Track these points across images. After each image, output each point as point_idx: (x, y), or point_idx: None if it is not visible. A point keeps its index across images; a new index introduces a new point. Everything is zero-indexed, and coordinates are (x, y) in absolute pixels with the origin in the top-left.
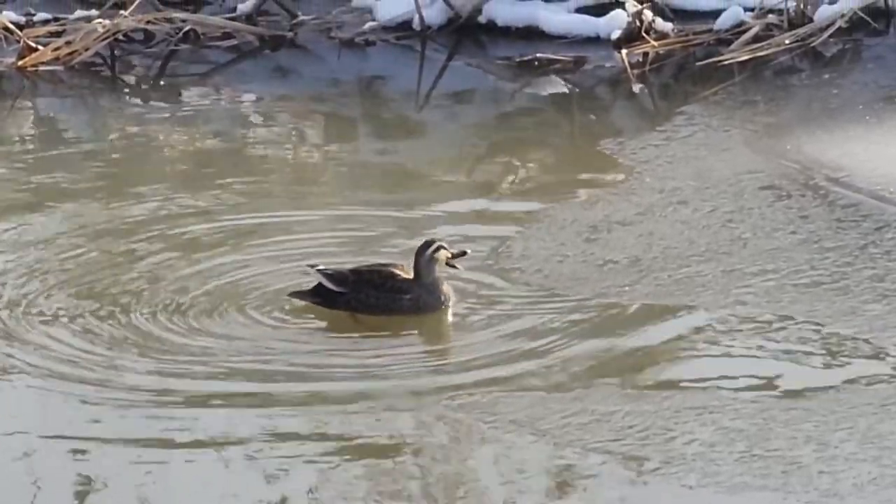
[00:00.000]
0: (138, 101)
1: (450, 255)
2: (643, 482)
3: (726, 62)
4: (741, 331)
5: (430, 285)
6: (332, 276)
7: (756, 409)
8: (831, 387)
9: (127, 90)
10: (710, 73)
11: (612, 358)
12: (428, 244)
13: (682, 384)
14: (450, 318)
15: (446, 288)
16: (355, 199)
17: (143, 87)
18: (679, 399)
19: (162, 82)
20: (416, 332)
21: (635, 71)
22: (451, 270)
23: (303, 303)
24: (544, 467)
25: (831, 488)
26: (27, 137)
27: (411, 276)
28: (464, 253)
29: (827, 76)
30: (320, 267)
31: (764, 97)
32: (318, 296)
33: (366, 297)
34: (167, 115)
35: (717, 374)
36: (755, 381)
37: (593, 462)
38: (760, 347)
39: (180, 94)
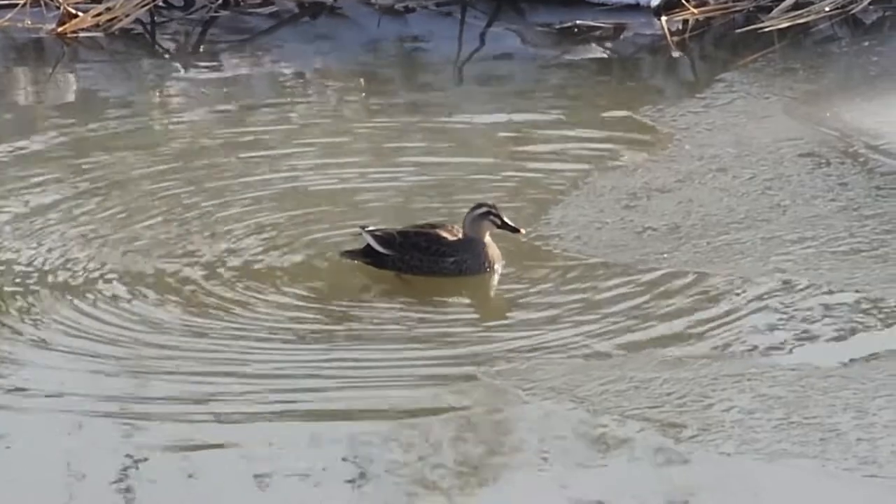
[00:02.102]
0: (178, 67)
1: (497, 224)
2: (681, 449)
3: (766, 29)
4: (780, 298)
5: (476, 248)
6: (380, 237)
7: (794, 377)
8: (870, 354)
9: (166, 56)
10: (750, 41)
11: (651, 325)
12: (477, 206)
13: (719, 352)
14: (495, 281)
15: (493, 252)
16: (395, 165)
17: (183, 53)
18: (717, 367)
19: (201, 49)
20: (458, 296)
21: (675, 38)
22: (511, 234)
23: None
24: (582, 434)
25: (869, 456)
26: (66, 104)
27: (460, 237)
28: (515, 230)
29: (867, 43)
30: (370, 228)
31: (803, 65)
32: (368, 256)
33: (410, 259)
34: (206, 81)
35: (755, 341)
36: (793, 349)
37: (631, 429)
38: (799, 315)
39: (220, 61)
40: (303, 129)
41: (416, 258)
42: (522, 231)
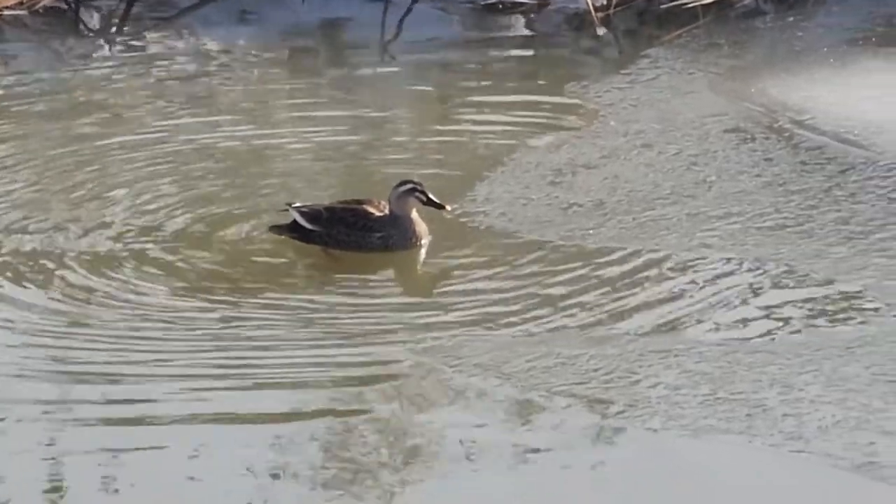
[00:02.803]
0: (102, 44)
1: (423, 200)
2: (608, 425)
3: (691, 5)
4: (705, 274)
5: (402, 224)
6: (307, 213)
7: (720, 353)
8: (796, 330)
9: (91, 34)
10: (675, 16)
11: (577, 301)
12: (402, 183)
13: (646, 328)
14: (422, 256)
15: (420, 227)
16: (318, 143)
17: (107, 30)
18: (643, 342)
19: (126, 26)
20: (385, 273)
21: (599, 14)
22: (436, 210)
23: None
24: (509, 410)
25: (796, 431)
26: None
27: (386, 212)
28: (441, 206)
29: (791, 19)
30: (296, 204)
31: (728, 40)
32: (295, 231)
33: (337, 234)
34: (131, 59)
35: (681, 317)
36: (719, 325)
37: (558, 405)
38: (725, 290)
39: (144, 38)
40: (225, 105)
41: (343, 233)
42: (448, 207)
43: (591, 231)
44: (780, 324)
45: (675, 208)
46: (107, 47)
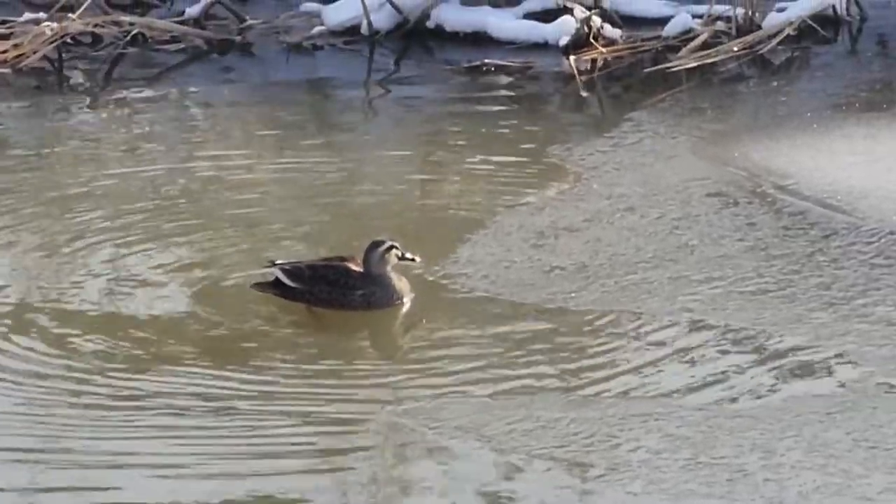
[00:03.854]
0: (86, 103)
1: (399, 256)
2: (588, 489)
3: (674, 69)
4: (687, 338)
5: (384, 282)
6: (289, 271)
7: (702, 417)
8: (777, 395)
9: (74, 93)
10: (658, 80)
11: (558, 364)
12: (377, 244)
13: (627, 391)
14: (403, 313)
15: (401, 284)
16: (304, 203)
17: (91, 89)
18: (624, 406)
19: (109, 86)
20: (365, 333)
21: (583, 77)
22: (408, 263)
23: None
24: (489, 473)
25: (777, 496)
26: None
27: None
28: (412, 259)
29: (775, 84)
30: (279, 262)
31: (712, 104)
32: (278, 288)
33: (319, 292)
34: (114, 118)
35: (662, 381)
36: (701, 389)
37: (538, 468)
38: (707, 355)
39: (128, 98)
40: (209, 165)
41: (325, 291)
42: (417, 259)
43: (573, 294)
44: (762, 389)
45: (657, 272)
46: (90, 105)
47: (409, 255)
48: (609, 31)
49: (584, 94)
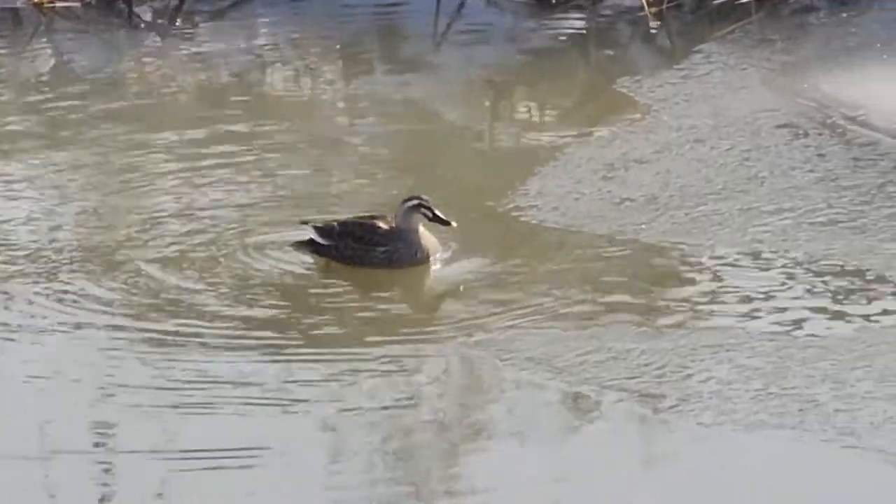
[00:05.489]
0: (155, 37)
1: (429, 217)
2: (659, 420)
3: (743, 0)
4: (758, 269)
5: (408, 238)
6: (321, 228)
7: (773, 348)
8: (848, 326)
9: (143, 26)
10: (728, 12)
11: (629, 296)
12: (408, 199)
13: (698, 322)
14: (432, 273)
15: (428, 242)
16: (372, 137)
17: (160, 23)
18: (695, 337)
19: (178, 19)
20: (431, 275)
21: (653, 9)
22: (443, 227)
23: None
24: (560, 404)
25: (848, 427)
26: (43, 75)
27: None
28: (446, 222)
29: (845, 15)
30: (311, 221)
31: (781, 36)
32: (312, 245)
33: (344, 248)
34: (183, 52)
35: (733, 312)
36: (771, 320)
37: (609, 399)
38: (777, 286)
39: (197, 31)
40: (277, 99)
41: (350, 247)
42: (453, 223)
43: (643, 226)
44: (833, 319)
45: (727, 203)
46: (159, 40)
47: (441, 216)
48: None
49: (654, 26)
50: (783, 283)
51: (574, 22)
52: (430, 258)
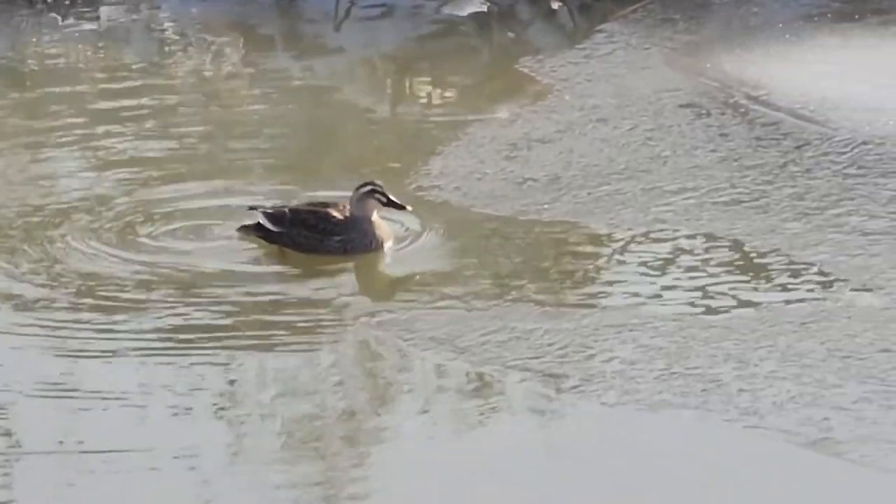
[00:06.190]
0: (55, 16)
1: (383, 202)
2: (562, 400)
3: None
4: (661, 249)
5: (362, 227)
6: (271, 214)
7: (675, 328)
8: (751, 305)
9: (44, 4)
10: None
11: (531, 276)
12: (362, 185)
13: (601, 302)
14: (386, 258)
15: (381, 230)
16: (270, 116)
17: (62, 1)
18: (598, 317)
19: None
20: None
21: None
22: (396, 211)
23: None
24: (463, 384)
25: (751, 406)
26: None
27: (347, 215)
28: (401, 207)
29: None
30: (260, 207)
31: (683, 15)
32: (260, 231)
33: (297, 236)
34: (85, 30)
35: (636, 292)
36: (674, 300)
37: (512, 379)
38: (680, 266)
39: (98, 10)
40: (179, 78)
41: (303, 235)
42: (408, 208)
43: (545, 206)
44: (735, 299)
45: (630, 183)
46: (60, 19)
47: (396, 201)
48: None
49: (555, 5)
50: (686, 263)
51: (475, 2)
52: (384, 245)
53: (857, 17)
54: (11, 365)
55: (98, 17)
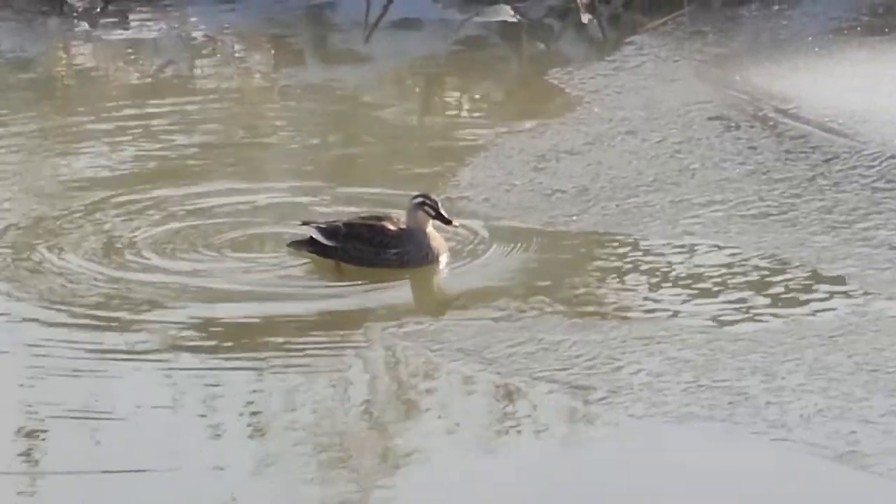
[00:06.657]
0: (86, 25)
1: (432, 214)
2: (589, 412)
3: None
4: (688, 262)
5: (417, 239)
6: (325, 229)
7: (703, 340)
8: (778, 318)
9: (75, 14)
10: (660, 4)
11: (560, 287)
12: (416, 196)
13: (629, 314)
14: (441, 270)
15: (436, 242)
16: (300, 126)
17: (92, 11)
18: (626, 329)
19: (111, 6)
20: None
21: (584, 1)
22: (443, 225)
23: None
24: (490, 396)
25: (778, 419)
26: None
27: (402, 227)
28: (448, 221)
29: (776, 7)
30: (312, 222)
31: (713, 28)
32: (313, 246)
33: (352, 250)
34: (115, 39)
35: (664, 304)
36: (702, 312)
37: (539, 391)
38: (707, 278)
39: (128, 19)
40: (209, 88)
41: (358, 249)
42: (456, 223)
43: (574, 217)
44: (763, 312)
45: (658, 195)
46: (90, 29)
47: (444, 215)
48: None
49: (585, 17)
50: (713, 276)
51: (506, 13)
52: (439, 258)
53: (886, 30)
54: (33, 385)
55: (128, 27)
